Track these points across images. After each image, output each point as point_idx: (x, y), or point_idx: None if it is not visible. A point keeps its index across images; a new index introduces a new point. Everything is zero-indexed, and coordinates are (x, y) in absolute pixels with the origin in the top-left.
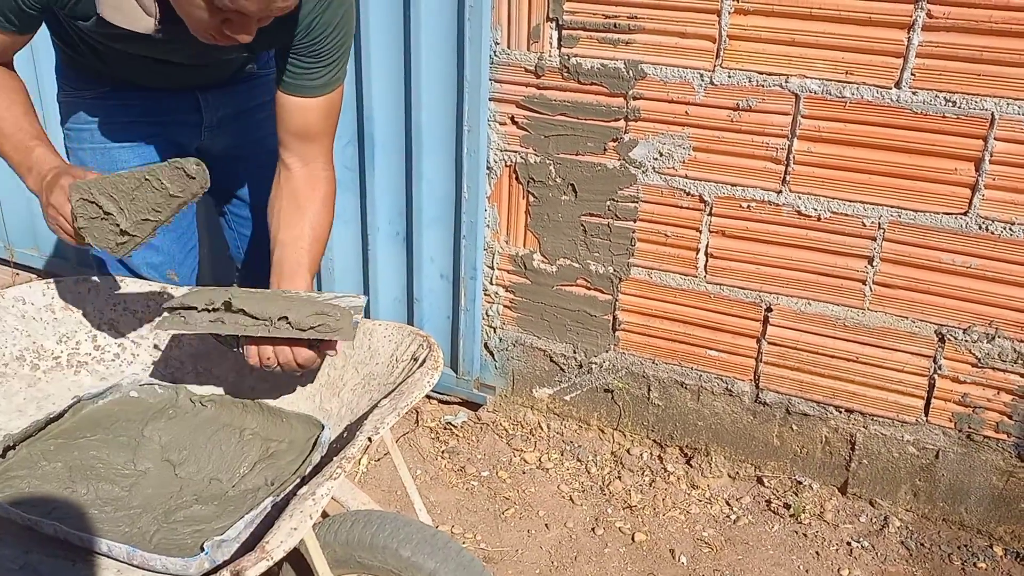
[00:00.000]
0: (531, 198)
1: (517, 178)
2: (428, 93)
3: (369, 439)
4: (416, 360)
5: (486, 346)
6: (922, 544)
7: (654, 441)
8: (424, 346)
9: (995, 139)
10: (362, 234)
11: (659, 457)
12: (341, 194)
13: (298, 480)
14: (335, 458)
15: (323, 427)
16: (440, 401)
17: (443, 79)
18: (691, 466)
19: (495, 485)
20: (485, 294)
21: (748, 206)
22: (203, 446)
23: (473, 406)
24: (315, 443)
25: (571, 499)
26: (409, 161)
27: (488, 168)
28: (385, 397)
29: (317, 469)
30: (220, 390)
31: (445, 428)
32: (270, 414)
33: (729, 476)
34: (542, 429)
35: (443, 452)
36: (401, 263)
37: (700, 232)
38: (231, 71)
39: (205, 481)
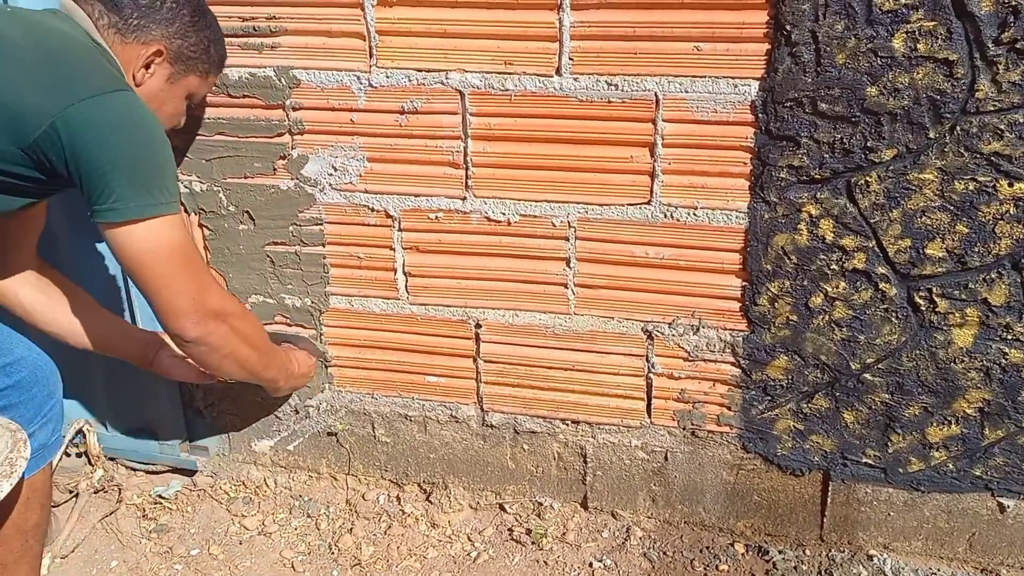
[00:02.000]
0: (206, 231)
1: (186, 210)
2: None
3: None
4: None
5: (191, 404)
6: (664, 553)
7: (391, 481)
8: (9, 443)
9: (664, 120)
10: None
11: (397, 498)
12: None
13: None
14: None
15: None
16: (148, 472)
17: None
18: (431, 503)
19: (204, 565)
20: None
21: (436, 216)
22: None
23: (188, 472)
24: None
25: (293, 567)
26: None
27: None
28: None
29: None
30: None
31: (155, 503)
32: None
33: (471, 507)
34: (268, 486)
35: (151, 532)
36: None
37: (394, 250)
38: None
39: None
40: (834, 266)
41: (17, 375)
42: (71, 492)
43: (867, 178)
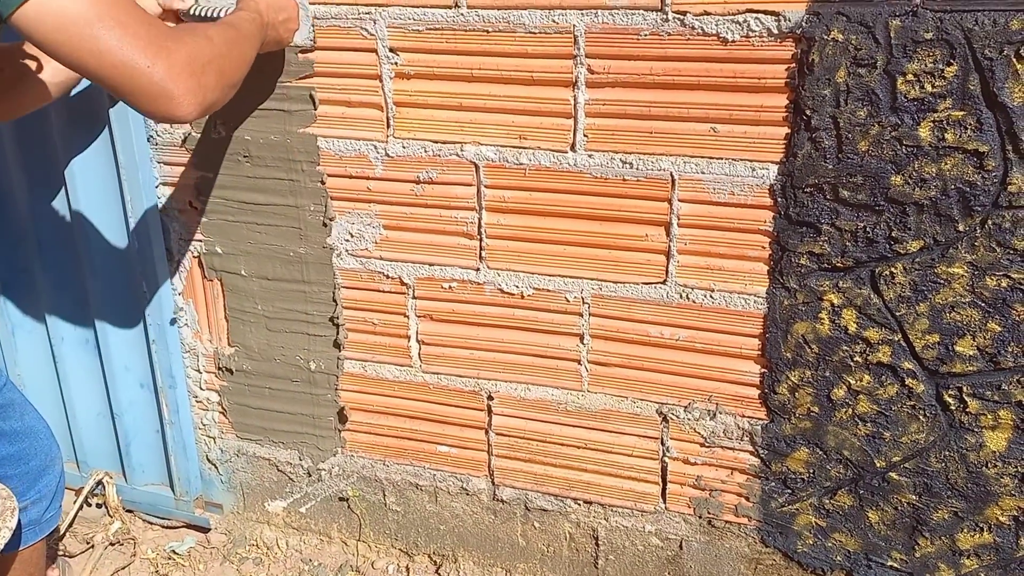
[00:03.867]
0: (227, 291)
1: (207, 269)
2: (83, 177)
3: None
4: None
5: (208, 458)
6: None
7: (401, 550)
8: None
9: (679, 200)
10: (49, 342)
11: (406, 568)
12: (17, 298)
13: None
14: None
15: None
16: (164, 526)
17: (97, 160)
18: None
19: None
20: (197, 400)
21: (450, 286)
22: None
23: (203, 528)
24: None
25: None
26: (78, 259)
27: (176, 261)
28: None
29: None
30: None
31: (168, 558)
32: None
33: None
34: (279, 548)
35: None
36: (96, 373)
37: (408, 317)
38: None
39: None
40: (857, 358)
41: (19, 444)
42: (87, 543)
43: (892, 269)
